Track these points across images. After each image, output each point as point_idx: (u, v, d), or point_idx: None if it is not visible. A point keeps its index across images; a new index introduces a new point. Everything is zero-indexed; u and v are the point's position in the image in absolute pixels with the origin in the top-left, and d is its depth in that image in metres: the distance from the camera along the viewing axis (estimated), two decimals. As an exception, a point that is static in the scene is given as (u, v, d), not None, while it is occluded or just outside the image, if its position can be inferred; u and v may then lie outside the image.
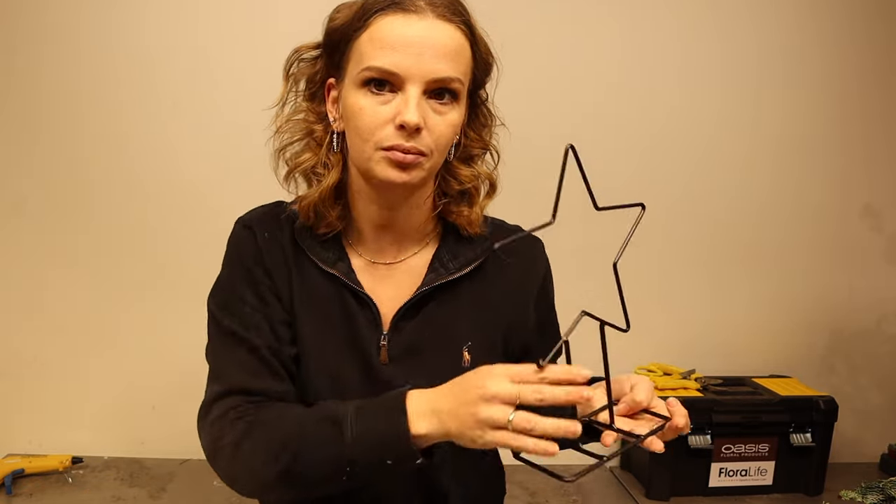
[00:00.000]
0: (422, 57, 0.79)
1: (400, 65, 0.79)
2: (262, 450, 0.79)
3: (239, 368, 0.87)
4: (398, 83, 0.80)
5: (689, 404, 1.61)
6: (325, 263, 0.90)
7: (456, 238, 0.94)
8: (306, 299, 0.90)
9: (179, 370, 1.75)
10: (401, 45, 0.79)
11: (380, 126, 0.80)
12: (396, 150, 0.80)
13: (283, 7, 1.68)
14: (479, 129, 0.92)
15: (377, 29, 0.80)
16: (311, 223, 0.90)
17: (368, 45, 0.80)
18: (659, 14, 1.79)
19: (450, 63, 0.81)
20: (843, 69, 1.84)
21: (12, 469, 1.59)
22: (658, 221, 1.85)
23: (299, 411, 0.82)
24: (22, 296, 1.73)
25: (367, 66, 0.80)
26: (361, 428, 0.75)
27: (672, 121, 1.82)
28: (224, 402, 0.85)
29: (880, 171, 1.90)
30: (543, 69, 1.76)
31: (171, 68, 1.68)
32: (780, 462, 1.70)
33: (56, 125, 1.68)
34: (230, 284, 0.91)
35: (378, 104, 0.80)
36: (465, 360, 0.92)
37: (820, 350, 1.95)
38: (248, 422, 0.81)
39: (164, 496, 1.59)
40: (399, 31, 0.79)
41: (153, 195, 1.71)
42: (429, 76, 0.80)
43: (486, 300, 0.94)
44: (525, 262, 0.97)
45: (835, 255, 1.91)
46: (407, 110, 0.78)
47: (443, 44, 0.80)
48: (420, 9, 0.80)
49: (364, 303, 0.90)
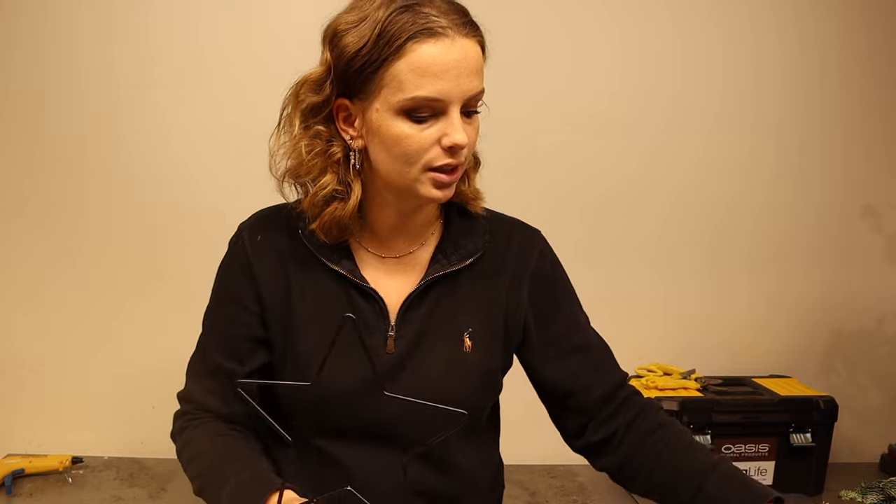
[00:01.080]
0: (459, 79, 0.82)
1: (443, 91, 0.82)
2: (187, 468, 0.94)
3: (198, 382, 0.98)
4: (441, 108, 0.83)
5: (689, 404, 1.63)
6: (330, 261, 0.93)
7: (458, 224, 0.97)
8: (311, 297, 0.93)
9: (180, 370, 1.74)
10: (442, 72, 0.81)
11: (427, 149, 0.84)
12: (445, 170, 0.85)
13: (282, 7, 1.68)
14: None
15: (417, 58, 0.81)
16: (333, 240, 0.92)
17: (409, 74, 0.81)
18: (659, 14, 1.78)
19: (479, 77, 0.85)
20: (843, 69, 1.84)
21: (12, 469, 1.59)
22: (658, 221, 1.85)
23: (214, 454, 0.92)
24: (22, 296, 1.73)
25: (413, 96, 0.82)
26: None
27: (672, 121, 1.82)
28: (183, 404, 1.00)
29: (880, 171, 1.90)
30: (544, 71, 1.76)
31: (171, 68, 1.68)
32: (780, 462, 1.69)
33: (56, 125, 1.68)
34: (213, 295, 0.99)
35: (422, 129, 0.83)
36: (467, 346, 0.95)
37: (820, 350, 1.95)
38: (186, 439, 0.95)
39: (164, 496, 1.59)
40: (440, 59, 0.81)
41: (153, 195, 1.71)
42: (466, 95, 0.83)
43: (486, 287, 0.97)
44: (519, 248, 1.00)
45: (835, 255, 1.91)
46: (456, 132, 0.83)
47: (473, 62, 0.84)
48: (448, 32, 0.82)
49: (370, 297, 0.93)
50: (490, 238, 0.98)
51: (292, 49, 0.94)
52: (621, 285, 1.84)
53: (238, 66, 1.68)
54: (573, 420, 1.01)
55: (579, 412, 1.00)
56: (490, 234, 0.98)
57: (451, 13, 0.83)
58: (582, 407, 0.99)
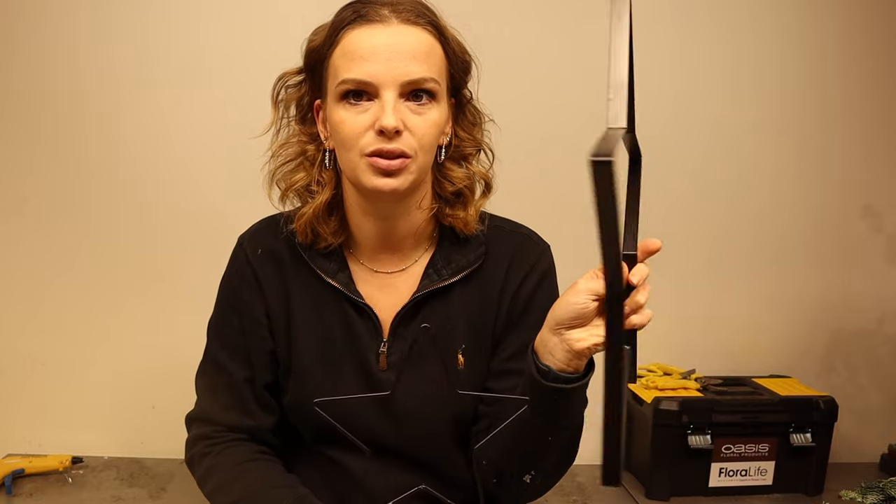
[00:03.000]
0: (391, 62, 0.81)
1: (371, 73, 0.81)
2: (213, 496, 0.91)
3: (212, 399, 0.96)
4: (374, 91, 0.82)
5: (689, 404, 1.63)
6: (326, 274, 0.92)
7: (452, 241, 0.95)
8: (307, 308, 0.93)
9: (180, 370, 1.74)
10: (369, 54, 0.81)
11: (360, 134, 0.82)
12: (380, 155, 0.82)
13: (282, 7, 1.68)
14: (468, 128, 0.93)
15: (347, 43, 0.83)
16: (309, 241, 0.92)
17: (341, 59, 0.83)
18: (657, 16, 1.78)
19: (421, 64, 0.83)
20: (843, 69, 1.84)
21: (12, 469, 1.59)
22: (658, 221, 1.84)
23: (247, 481, 0.90)
24: (22, 296, 1.73)
25: (342, 79, 0.82)
26: None
27: (671, 120, 1.82)
28: (197, 426, 0.97)
29: (880, 171, 1.90)
30: (546, 72, 1.76)
31: (171, 68, 1.68)
32: (780, 462, 1.69)
33: (56, 125, 1.68)
34: (220, 308, 0.98)
35: (357, 114, 0.83)
36: (460, 363, 0.93)
37: (820, 350, 1.95)
38: (209, 466, 0.92)
39: (164, 496, 1.59)
40: (366, 42, 0.82)
41: (154, 195, 1.71)
42: (401, 79, 0.82)
43: (478, 302, 0.95)
44: (514, 263, 0.96)
45: (835, 255, 1.91)
46: (384, 115, 0.81)
47: (411, 47, 0.82)
48: (384, 17, 0.82)
49: (364, 312, 0.92)
50: (486, 252, 0.94)
51: (293, 49, 0.94)
52: (621, 285, 1.84)
53: (238, 66, 1.68)
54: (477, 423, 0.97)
55: (483, 417, 0.95)
56: (487, 247, 0.95)
57: (401, 5, 0.83)
58: (486, 414, 0.95)
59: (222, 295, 0.98)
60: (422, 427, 0.93)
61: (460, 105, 0.92)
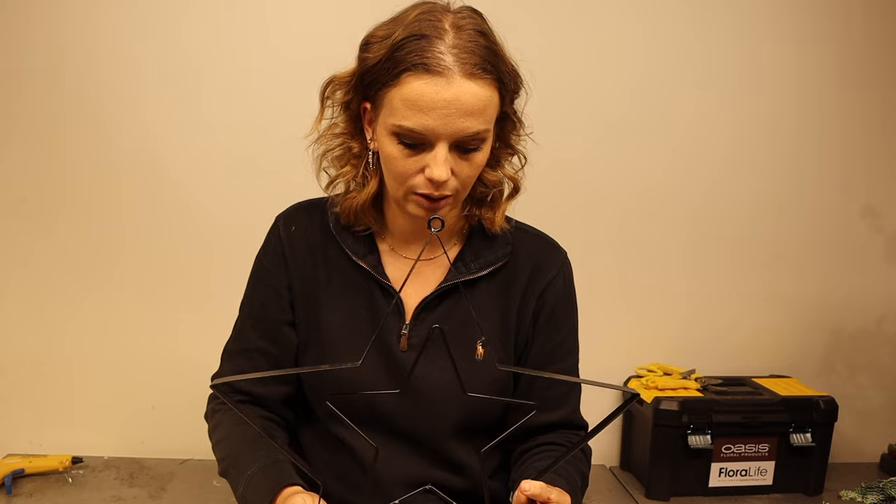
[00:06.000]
0: (449, 119, 0.82)
1: (429, 127, 0.83)
2: (215, 449, 0.99)
3: (231, 363, 1.02)
4: (427, 141, 0.84)
5: (689, 404, 1.63)
6: (356, 255, 0.97)
7: (480, 237, 1.00)
8: (335, 287, 0.98)
9: (179, 370, 1.75)
10: (429, 109, 0.82)
11: (410, 175, 0.86)
12: (426, 197, 0.87)
13: (274, 7, 1.68)
14: (506, 136, 0.95)
15: (408, 91, 0.83)
16: (350, 222, 0.97)
17: (399, 103, 0.84)
18: (645, 13, 1.78)
19: (477, 118, 0.84)
20: (842, 69, 1.84)
21: (12, 469, 1.59)
22: (659, 222, 1.85)
23: (241, 438, 0.96)
24: (22, 296, 1.73)
25: (399, 124, 0.84)
26: (245, 492, 0.90)
27: (671, 123, 1.82)
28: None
29: (880, 171, 1.90)
30: (565, 76, 1.75)
31: (171, 68, 1.67)
32: (780, 462, 1.70)
33: (56, 125, 1.68)
34: (250, 280, 1.03)
35: (408, 156, 0.85)
36: (479, 354, 0.97)
37: (820, 350, 1.95)
38: (217, 421, 1.00)
39: (164, 496, 1.59)
40: (428, 97, 0.82)
41: (154, 195, 1.71)
42: (456, 135, 0.84)
43: (502, 299, 0.99)
44: (538, 265, 1.01)
45: (835, 254, 1.91)
46: (436, 167, 0.84)
47: (470, 104, 0.83)
48: (447, 70, 0.82)
49: (389, 294, 0.97)
50: (512, 251, 0.99)
51: (304, 50, 0.94)
52: (622, 285, 1.84)
53: (240, 66, 1.67)
54: None
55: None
56: (513, 246, 1.00)
57: (464, 53, 0.82)
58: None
59: (254, 268, 1.03)
60: (433, 410, 0.97)
61: (503, 117, 0.93)
